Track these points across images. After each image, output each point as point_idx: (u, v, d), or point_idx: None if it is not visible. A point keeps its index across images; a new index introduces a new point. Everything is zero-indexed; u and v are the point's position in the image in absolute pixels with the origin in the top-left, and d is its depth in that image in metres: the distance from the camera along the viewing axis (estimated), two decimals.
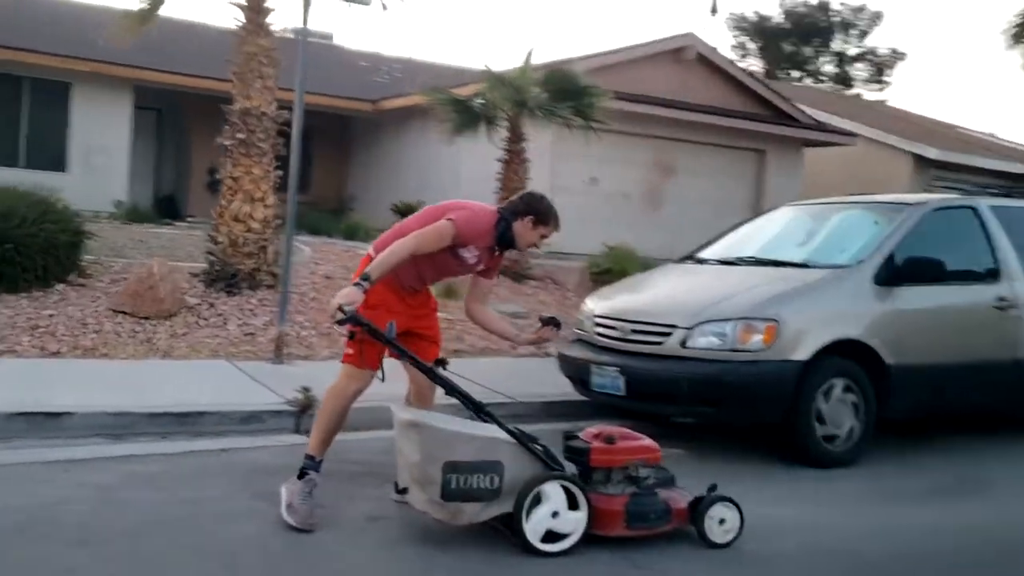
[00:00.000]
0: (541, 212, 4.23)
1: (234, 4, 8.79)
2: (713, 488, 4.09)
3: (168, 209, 19.14)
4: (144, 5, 8.90)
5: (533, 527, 3.73)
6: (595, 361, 6.06)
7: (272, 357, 7.26)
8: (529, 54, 11.81)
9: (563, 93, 11.49)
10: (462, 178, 14.96)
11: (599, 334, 6.23)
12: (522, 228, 4.22)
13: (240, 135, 8.69)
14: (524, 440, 3.83)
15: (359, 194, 20.13)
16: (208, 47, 16.15)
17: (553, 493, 3.76)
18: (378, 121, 18.72)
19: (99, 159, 16.10)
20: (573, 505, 3.80)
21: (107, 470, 4.58)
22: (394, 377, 4.18)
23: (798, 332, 5.56)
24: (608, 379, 5.92)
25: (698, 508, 4.00)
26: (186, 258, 10.06)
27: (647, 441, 4.12)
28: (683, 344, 5.65)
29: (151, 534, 3.71)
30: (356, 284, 3.82)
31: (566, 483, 3.79)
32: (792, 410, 5.52)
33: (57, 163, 15.71)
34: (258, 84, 8.79)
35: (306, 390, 5.97)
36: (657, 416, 6.14)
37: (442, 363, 4.14)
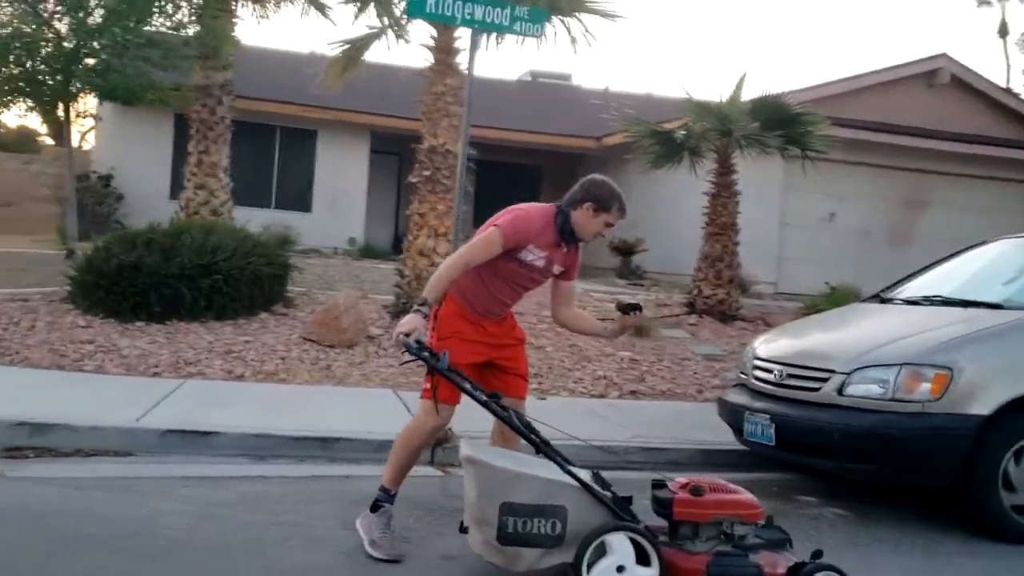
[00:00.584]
0: (602, 198, 3.96)
1: (424, 46, 9.11)
2: (818, 555, 3.55)
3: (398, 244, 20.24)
4: (341, 55, 9.44)
5: None
6: (748, 407, 5.56)
7: None
8: (741, 80, 11.29)
9: (774, 122, 10.86)
10: (683, 214, 14.59)
11: (756, 377, 5.72)
12: (583, 217, 3.97)
13: (426, 172, 8.95)
14: (588, 485, 3.52)
15: None
16: None
17: (618, 545, 3.42)
18: (604, 158, 18.74)
19: (340, 200, 17.30)
20: (643, 560, 3.43)
21: (226, 489, 4.76)
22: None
23: (977, 382, 4.78)
24: (759, 427, 5.40)
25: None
26: (389, 292, 10.47)
27: (744, 496, 3.66)
28: (840, 391, 5.04)
29: (222, 554, 3.77)
30: (415, 310, 3.71)
31: (634, 535, 3.43)
32: (970, 473, 4.75)
33: (303, 204, 17.06)
34: (444, 123, 9.02)
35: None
36: (826, 472, 5.51)
37: (495, 397, 3.91)
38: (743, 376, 6.06)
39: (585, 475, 3.66)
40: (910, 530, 4.90)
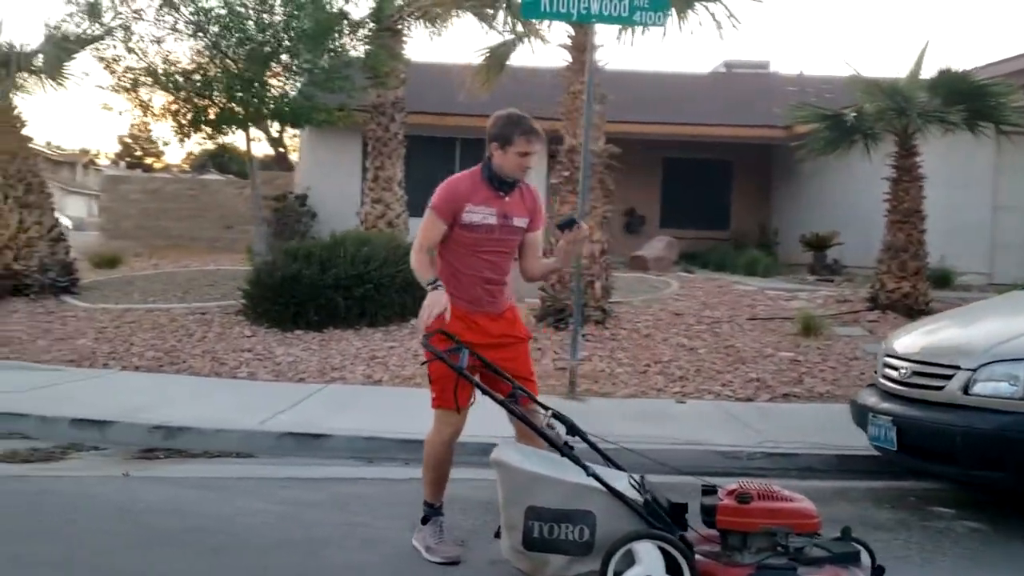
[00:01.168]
0: (501, 134, 3.79)
1: (561, 46, 9.06)
2: (880, 572, 3.17)
3: None
4: (484, 63, 9.56)
5: None
6: (873, 408, 5.07)
7: (566, 392, 7.22)
8: (921, 54, 10.38)
9: (956, 96, 9.89)
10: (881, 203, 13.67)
11: (884, 376, 5.21)
12: (498, 159, 3.81)
13: (565, 172, 8.87)
14: (616, 490, 3.32)
15: (783, 227, 19.33)
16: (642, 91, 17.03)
17: (646, 554, 3.20)
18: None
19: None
20: (675, 572, 3.20)
21: (320, 490, 4.91)
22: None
23: None
24: (882, 429, 4.92)
25: None
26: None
27: (798, 504, 3.33)
28: (965, 390, 4.50)
29: (275, 551, 3.88)
30: (433, 288, 3.65)
31: (664, 544, 3.21)
32: None
33: None
34: (583, 122, 8.89)
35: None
36: (953, 480, 4.95)
37: (512, 396, 3.76)
38: (875, 374, 5.55)
39: (622, 480, 3.47)
40: None
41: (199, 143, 19.76)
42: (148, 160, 60.48)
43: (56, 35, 10.12)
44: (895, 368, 5.06)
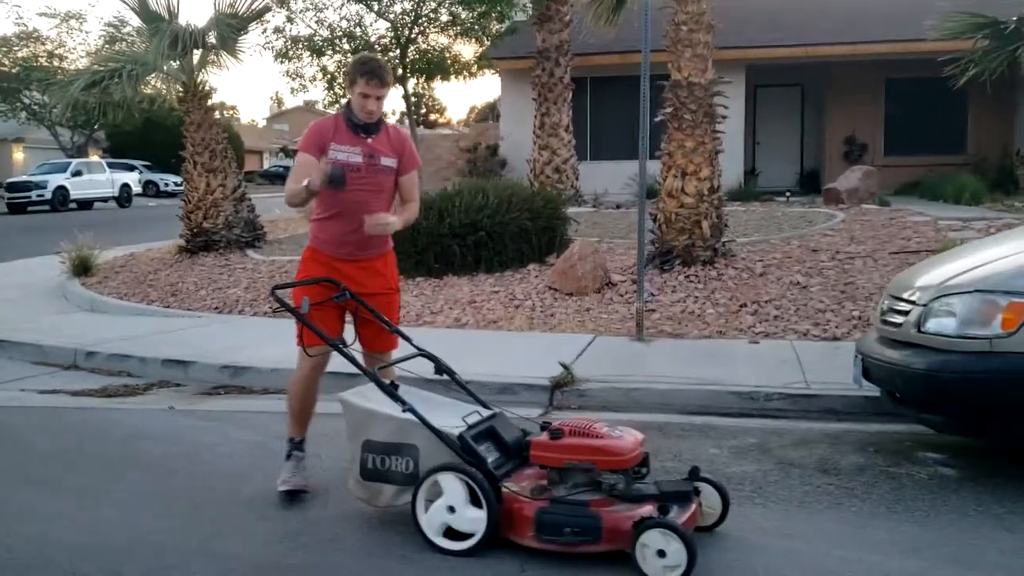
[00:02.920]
0: (348, 75, 3.94)
1: None
2: (664, 509, 3.15)
3: (811, 184, 19.31)
4: None
5: (430, 519, 3.41)
6: (858, 349, 4.76)
7: (633, 334, 7.22)
8: None
9: None
10: None
11: (880, 314, 4.85)
12: (352, 100, 3.92)
13: (670, 108, 8.67)
14: (430, 425, 3.50)
15: None
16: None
17: (449, 485, 3.37)
18: None
19: None
20: (477, 503, 3.36)
21: (324, 423, 5.41)
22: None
23: None
24: (857, 368, 4.62)
25: (635, 531, 3.13)
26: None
27: (605, 441, 3.34)
28: (918, 326, 4.13)
29: (232, 477, 4.42)
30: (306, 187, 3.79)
31: (464, 476, 3.36)
32: None
33: None
34: (688, 53, 8.63)
35: (565, 368, 5.96)
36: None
37: (341, 341, 3.93)
38: None
39: (455, 417, 3.63)
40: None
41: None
42: (433, 118, 64.53)
43: (226, 12, 11.28)
44: (883, 305, 4.71)
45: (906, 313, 4.22)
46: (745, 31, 16.74)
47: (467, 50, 12.40)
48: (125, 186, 35.31)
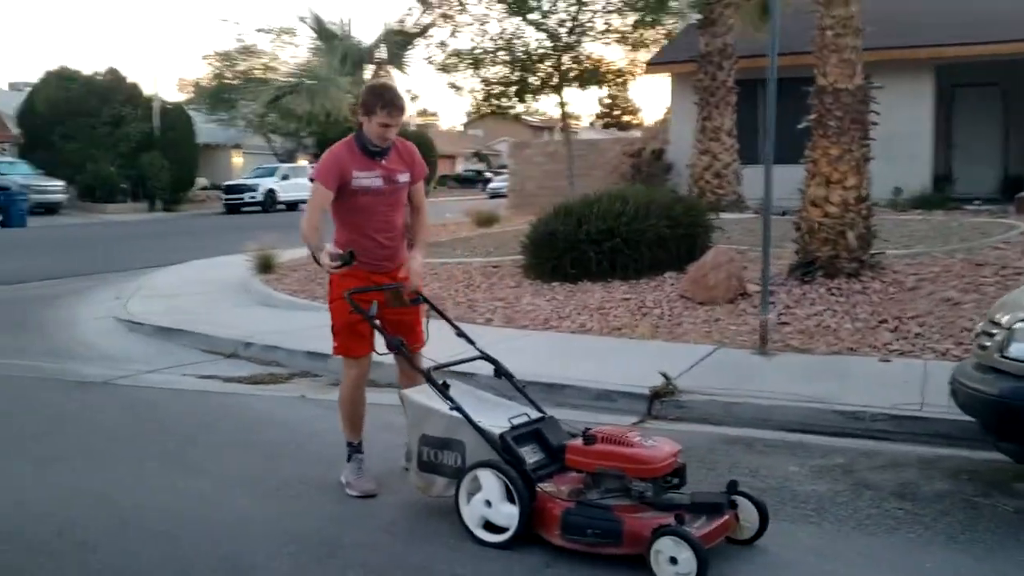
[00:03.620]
0: (367, 104, 4.10)
1: None
2: (680, 518, 3.20)
3: (1015, 191, 18.09)
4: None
5: (471, 512, 3.63)
6: (953, 373, 4.54)
7: (756, 347, 7.09)
8: None
9: None
10: None
11: (974, 336, 4.62)
12: (366, 126, 4.12)
13: (814, 115, 8.44)
14: (475, 423, 3.70)
15: None
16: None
17: (486, 481, 3.58)
18: None
19: (893, 146, 16.21)
20: (512, 499, 3.54)
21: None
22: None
23: None
24: (950, 395, 4.43)
25: (652, 537, 3.21)
26: None
27: (636, 450, 3.44)
28: (1001, 350, 3.93)
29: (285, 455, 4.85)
30: (318, 250, 4.13)
31: (500, 473, 3.55)
32: None
33: None
34: (833, 59, 8.37)
35: (666, 378, 5.98)
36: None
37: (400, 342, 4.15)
38: None
39: (503, 418, 3.82)
40: None
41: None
42: (627, 119, 64.83)
43: (394, 29, 11.98)
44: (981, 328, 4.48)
45: (994, 336, 4.02)
46: (936, 28, 15.83)
47: (619, 56, 12.54)
48: None
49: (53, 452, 5.14)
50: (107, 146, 33.63)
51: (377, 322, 4.19)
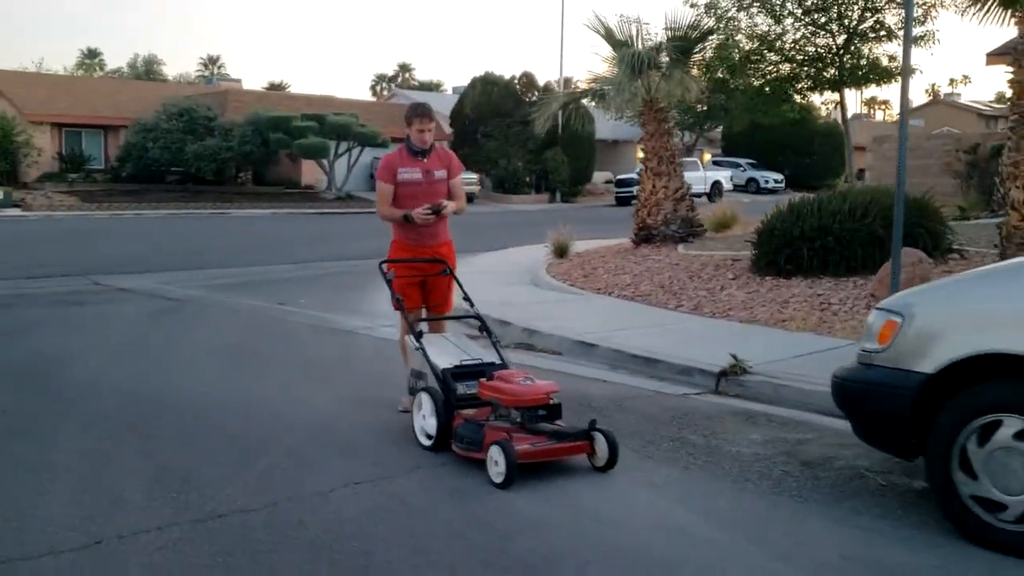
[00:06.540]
0: (406, 117, 5.48)
1: None
2: (509, 436, 4.25)
3: None
4: None
5: (419, 424, 4.93)
6: None
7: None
8: None
9: None
10: None
11: None
12: (410, 134, 5.46)
13: (1015, 116, 8.04)
14: (429, 361, 4.96)
15: None
16: None
17: (425, 401, 4.86)
18: None
19: None
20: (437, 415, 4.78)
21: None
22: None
23: (929, 334, 3.67)
24: None
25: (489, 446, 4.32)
26: None
27: (511, 385, 4.51)
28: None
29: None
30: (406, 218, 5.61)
31: (429, 396, 4.80)
32: (923, 448, 3.72)
33: None
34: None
35: (735, 359, 6.55)
36: None
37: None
38: None
39: (457, 357, 5.03)
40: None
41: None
42: None
43: (678, 36, 12.90)
44: None
45: None
46: None
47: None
48: (716, 183, 38.72)
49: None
50: (519, 143, 38.02)
51: (392, 284, 5.59)
